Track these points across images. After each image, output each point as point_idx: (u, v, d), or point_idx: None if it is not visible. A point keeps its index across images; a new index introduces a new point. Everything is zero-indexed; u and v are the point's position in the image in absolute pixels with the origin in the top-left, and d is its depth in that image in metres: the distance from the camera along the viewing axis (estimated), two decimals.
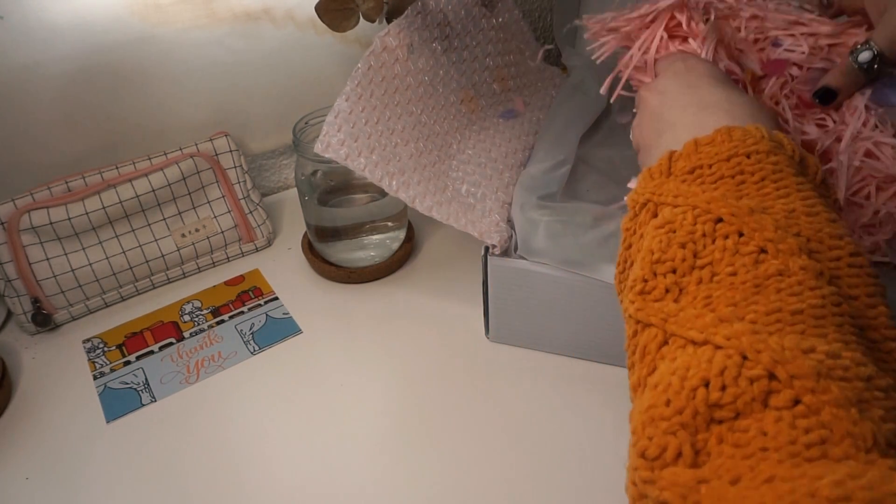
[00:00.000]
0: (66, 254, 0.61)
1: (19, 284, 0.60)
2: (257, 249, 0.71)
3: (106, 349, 0.60)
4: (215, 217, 0.68)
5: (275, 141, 0.78)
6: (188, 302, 0.65)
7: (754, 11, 0.48)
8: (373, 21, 0.55)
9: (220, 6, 0.66)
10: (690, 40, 0.45)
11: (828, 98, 0.42)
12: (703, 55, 0.43)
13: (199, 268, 0.68)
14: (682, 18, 0.45)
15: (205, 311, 0.64)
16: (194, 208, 0.67)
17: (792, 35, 0.46)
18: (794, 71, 0.45)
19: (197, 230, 0.67)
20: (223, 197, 0.68)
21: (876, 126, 0.41)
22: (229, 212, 0.68)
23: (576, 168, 0.59)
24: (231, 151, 0.68)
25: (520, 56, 0.68)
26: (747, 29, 0.48)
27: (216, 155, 0.67)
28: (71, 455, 0.51)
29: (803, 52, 0.45)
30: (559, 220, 0.51)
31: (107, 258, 0.62)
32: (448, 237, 0.71)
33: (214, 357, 0.59)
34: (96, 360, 0.59)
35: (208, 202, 0.67)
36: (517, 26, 0.68)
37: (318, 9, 0.55)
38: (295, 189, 0.79)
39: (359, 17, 0.56)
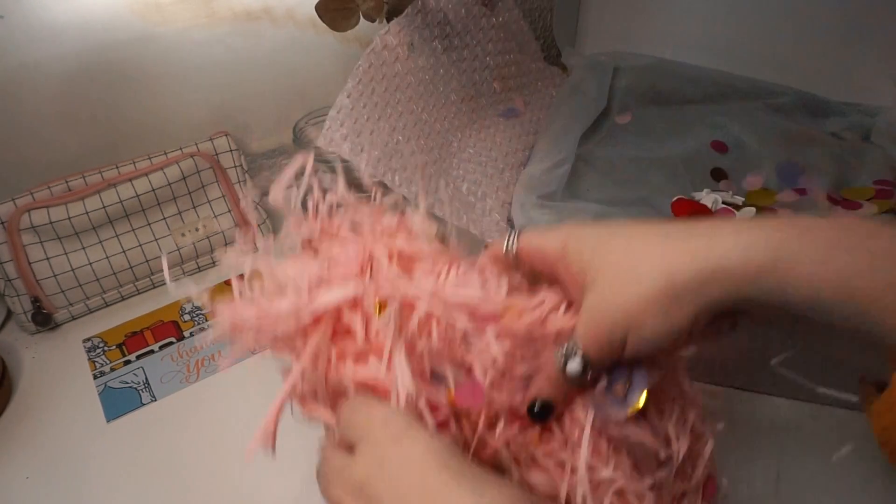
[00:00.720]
0: (66, 253, 0.61)
1: (19, 284, 0.60)
2: (257, 249, 0.71)
3: (106, 348, 0.60)
4: (215, 216, 0.68)
5: (275, 141, 0.78)
6: (188, 301, 0.65)
7: (430, 301, 0.32)
8: (373, 20, 0.56)
9: (220, 6, 0.66)
10: (372, 359, 0.31)
11: (545, 412, 0.31)
12: (399, 400, 0.30)
13: (199, 267, 0.68)
14: (357, 323, 0.32)
15: (205, 311, 0.64)
16: (194, 208, 0.67)
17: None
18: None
19: (197, 229, 0.67)
20: (223, 196, 0.68)
21: (609, 460, 0.31)
22: (229, 211, 0.68)
23: (576, 168, 0.59)
24: (231, 151, 0.68)
25: (520, 55, 0.69)
26: (435, 328, 0.32)
27: (216, 154, 0.67)
28: (71, 454, 0.51)
29: (494, 361, 0.31)
30: (559, 219, 0.51)
31: (107, 257, 0.62)
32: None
33: (214, 356, 0.59)
34: (96, 359, 0.59)
35: (208, 201, 0.67)
36: (517, 25, 0.68)
37: (318, 8, 0.55)
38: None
39: (359, 17, 0.56)
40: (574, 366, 0.30)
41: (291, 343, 0.33)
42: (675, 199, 0.56)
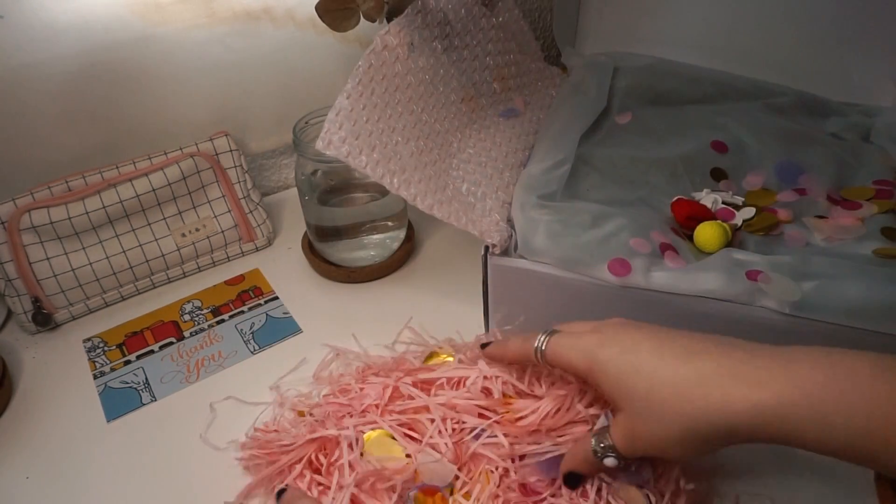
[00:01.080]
0: (66, 253, 0.61)
1: (19, 284, 0.60)
2: (257, 249, 0.71)
3: (106, 348, 0.60)
4: (215, 216, 0.68)
5: (275, 140, 0.78)
6: (188, 301, 0.65)
7: (444, 408, 0.45)
8: (373, 21, 0.55)
9: (220, 6, 0.66)
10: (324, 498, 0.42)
11: (575, 482, 0.41)
12: None
13: (199, 267, 0.68)
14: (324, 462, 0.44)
15: (205, 311, 0.64)
16: (194, 208, 0.67)
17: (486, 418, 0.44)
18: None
19: (197, 230, 0.67)
20: (223, 196, 0.68)
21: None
22: (229, 211, 0.68)
23: (576, 168, 0.59)
24: (231, 151, 0.68)
25: (520, 55, 0.68)
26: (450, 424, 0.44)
27: (216, 154, 0.67)
28: (71, 454, 0.51)
29: (502, 447, 0.43)
30: (559, 219, 0.51)
31: (107, 258, 0.62)
32: (448, 237, 0.71)
33: (214, 356, 0.59)
34: (96, 359, 0.59)
35: (208, 202, 0.67)
36: (517, 25, 0.68)
37: (318, 9, 0.55)
38: (295, 189, 0.79)
39: (359, 17, 0.56)
40: (611, 461, 0.38)
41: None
42: (675, 199, 0.56)
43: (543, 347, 0.41)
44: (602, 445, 0.38)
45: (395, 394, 0.48)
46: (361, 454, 0.44)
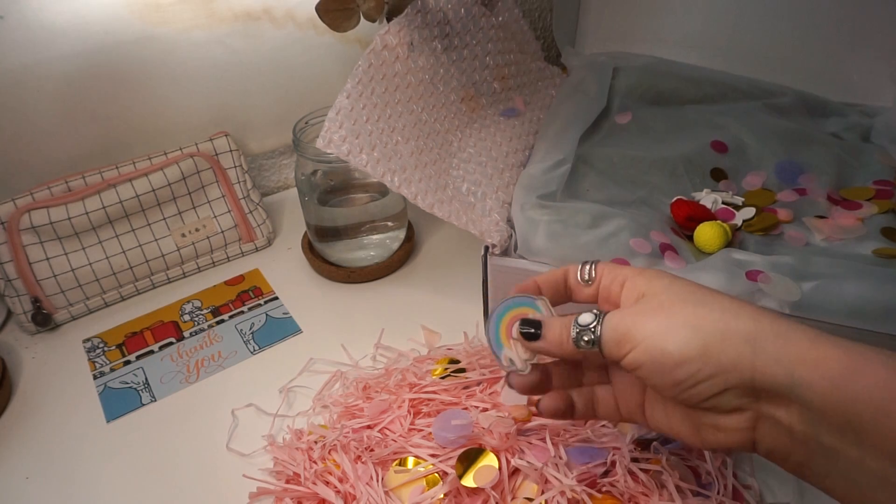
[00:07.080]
0: (66, 253, 0.61)
1: (19, 284, 0.60)
2: (257, 249, 0.71)
3: (106, 349, 0.60)
4: (215, 217, 0.68)
5: (275, 141, 0.78)
6: (188, 301, 0.65)
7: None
8: (373, 21, 0.55)
9: (220, 6, 0.66)
10: None
11: (532, 335, 0.37)
12: None
13: (199, 267, 0.68)
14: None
15: (205, 311, 0.64)
16: (194, 208, 0.67)
17: None
18: None
19: (197, 230, 0.67)
20: (223, 197, 0.68)
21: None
22: (229, 211, 0.68)
23: (575, 168, 0.59)
24: (231, 151, 0.68)
25: (520, 55, 0.69)
26: None
27: (216, 155, 0.67)
28: (71, 455, 0.51)
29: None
30: (559, 219, 0.51)
31: (107, 258, 0.62)
32: (448, 237, 0.71)
33: (214, 356, 0.59)
34: (96, 359, 0.59)
35: (208, 202, 0.67)
36: (517, 25, 0.68)
37: (318, 9, 0.55)
38: (295, 189, 0.79)
39: (359, 17, 0.56)
40: (587, 317, 0.34)
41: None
42: (675, 200, 0.56)
43: (593, 268, 0.38)
44: (590, 327, 0.34)
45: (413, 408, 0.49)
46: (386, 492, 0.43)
